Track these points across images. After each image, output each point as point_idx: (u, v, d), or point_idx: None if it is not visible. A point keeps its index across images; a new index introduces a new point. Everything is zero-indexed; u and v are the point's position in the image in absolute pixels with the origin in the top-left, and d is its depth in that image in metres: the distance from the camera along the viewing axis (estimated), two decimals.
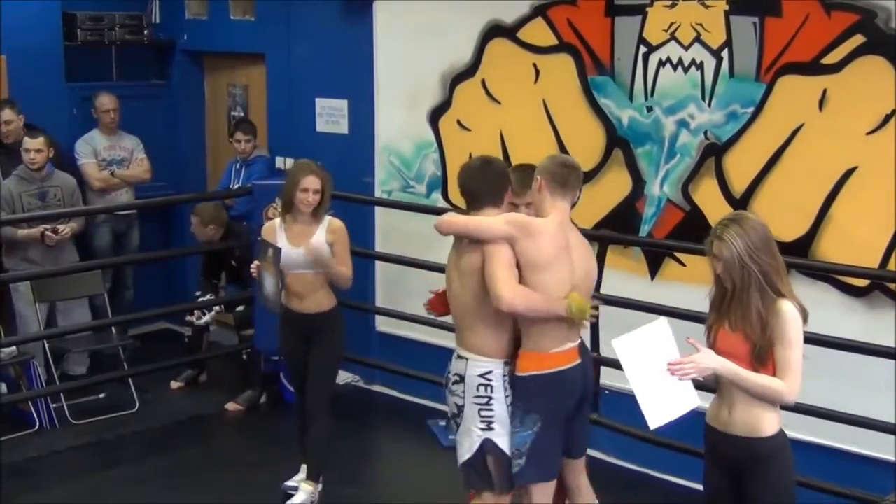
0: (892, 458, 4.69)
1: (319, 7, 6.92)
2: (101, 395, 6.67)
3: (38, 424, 6.18)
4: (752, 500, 3.46)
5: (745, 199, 5.17)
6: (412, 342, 6.55)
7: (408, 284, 6.51)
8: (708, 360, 3.36)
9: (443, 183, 6.43)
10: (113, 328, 6.88)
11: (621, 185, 5.59)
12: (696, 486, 4.78)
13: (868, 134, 4.76)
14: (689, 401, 3.40)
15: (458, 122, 6.34)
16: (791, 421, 3.58)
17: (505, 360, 3.98)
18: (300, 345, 5.12)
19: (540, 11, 5.83)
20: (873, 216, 4.77)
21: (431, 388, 6.35)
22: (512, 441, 3.98)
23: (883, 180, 4.72)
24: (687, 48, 5.29)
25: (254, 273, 5.03)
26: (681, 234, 5.39)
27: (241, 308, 6.74)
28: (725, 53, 5.16)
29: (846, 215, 4.87)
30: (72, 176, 6.78)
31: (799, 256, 4.90)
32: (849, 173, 4.84)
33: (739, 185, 5.20)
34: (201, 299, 6.88)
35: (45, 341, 6.45)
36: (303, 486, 5.16)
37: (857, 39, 4.74)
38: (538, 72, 5.91)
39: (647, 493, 5.37)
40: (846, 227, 4.86)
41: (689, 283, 5.28)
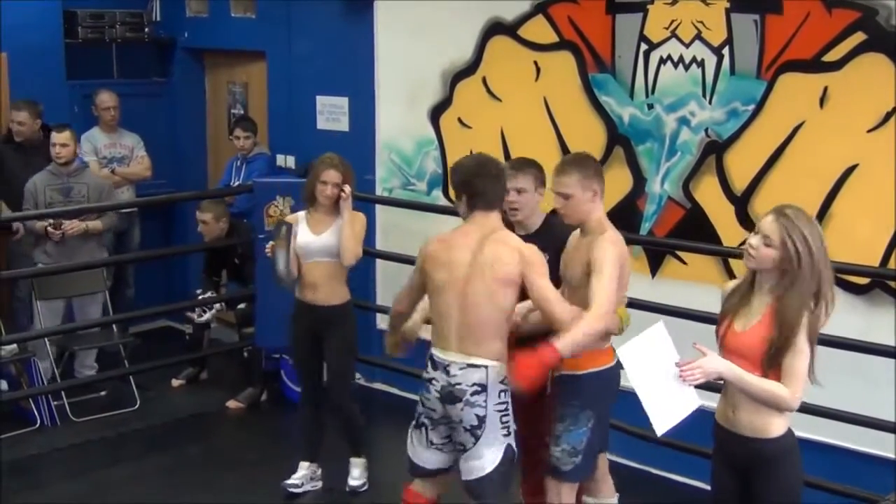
0: (892, 456, 4.70)
1: (320, 4, 6.91)
2: (103, 393, 6.68)
3: (39, 422, 6.18)
4: (758, 500, 3.45)
5: (746, 196, 5.17)
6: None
7: None
8: (714, 365, 3.35)
9: (443, 180, 6.42)
10: (114, 326, 6.89)
11: (622, 182, 5.58)
12: (701, 485, 4.80)
13: (869, 132, 4.76)
14: (691, 403, 3.41)
15: (459, 120, 6.33)
16: (790, 419, 3.57)
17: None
18: (310, 343, 5.13)
19: (541, 9, 5.83)
20: (874, 214, 4.77)
21: None
22: (565, 439, 3.98)
23: (884, 178, 4.71)
24: (688, 46, 5.28)
25: (268, 253, 5.05)
26: (682, 232, 5.39)
27: (243, 306, 6.74)
28: (726, 51, 5.15)
29: (847, 213, 4.86)
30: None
31: None
32: (849, 171, 4.84)
33: (740, 183, 5.20)
34: (202, 297, 6.89)
35: (46, 339, 6.46)
36: (354, 461, 5.32)
37: (858, 37, 4.74)
38: (539, 69, 5.90)
39: (651, 493, 5.35)
40: (847, 224, 4.85)
41: (689, 281, 5.29)
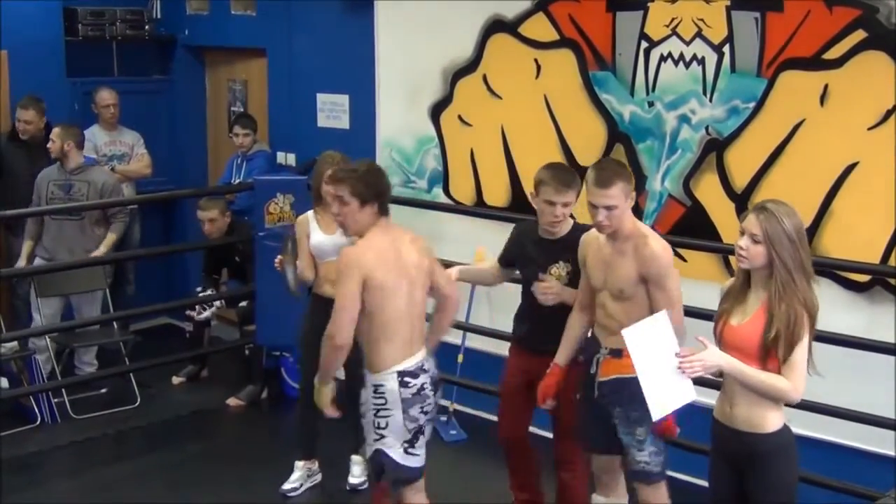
0: (892, 453, 4.70)
1: (320, 2, 6.91)
2: (103, 391, 6.68)
3: (39, 419, 6.19)
4: (752, 496, 3.47)
5: (747, 194, 5.16)
6: None
7: None
8: (714, 358, 3.36)
9: (444, 178, 6.43)
10: (115, 323, 6.90)
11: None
12: (698, 482, 4.80)
13: (869, 129, 4.75)
14: (687, 393, 3.42)
15: (460, 118, 6.33)
16: (791, 416, 3.58)
17: None
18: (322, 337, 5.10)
19: (541, 7, 5.82)
20: (874, 211, 4.77)
21: None
22: (650, 441, 4.01)
23: (884, 176, 4.71)
24: (688, 43, 5.28)
25: (278, 267, 5.13)
26: (682, 230, 5.39)
27: (244, 303, 6.74)
28: (727, 49, 5.15)
29: (847, 211, 4.86)
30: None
31: None
32: (850, 169, 4.83)
33: (741, 181, 5.20)
34: (202, 294, 6.89)
35: (47, 336, 6.47)
36: (355, 459, 5.30)
37: (859, 35, 4.73)
38: (539, 67, 5.90)
39: None
40: (847, 222, 4.86)
41: (690, 279, 5.27)
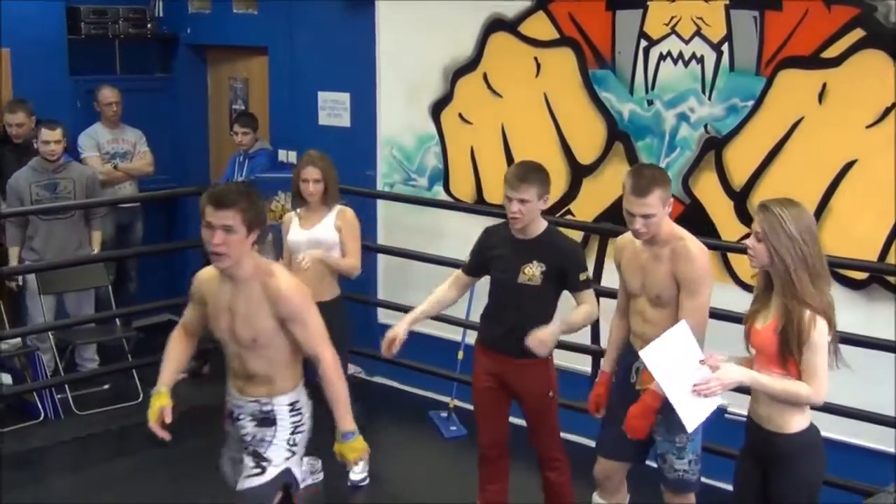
0: (892, 450, 4.72)
1: (321, 0, 6.93)
2: (106, 387, 6.70)
3: (42, 415, 6.21)
4: (773, 495, 3.47)
5: (746, 192, 5.19)
6: (414, 334, 6.45)
7: (410, 277, 6.54)
8: (732, 375, 3.36)
9: (444, 176, 6.45)
10: (117, 320, 6.92)
11: (622, 178, 5.58)
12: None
13: (868, 127, 4.78)
14: (716, 399, 3.42)
15: (460, 116, 6.35)
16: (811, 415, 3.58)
17: None
18: None
19: (541, 5, 5.85)
20: (873, 209, 4.79)
21: (433, 380, 6.42)
22: (689, 450, 3.97)
23: (882, 173, 4.74)
24: (687, 42, 5.30)
25: None
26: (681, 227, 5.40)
27: None
28: (726, 47, 5.17)
29: (846, 208, 4.88)
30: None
31: None
32: (848, 167, 4.86)
33: (739, 179, 5.22)
34: None
35: (50, 333, 6.49)
36: None
37: (857, 33, 4.75)
38: (539, 65, 5.92)
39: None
40: (845, 220, 4.88)
41: None
